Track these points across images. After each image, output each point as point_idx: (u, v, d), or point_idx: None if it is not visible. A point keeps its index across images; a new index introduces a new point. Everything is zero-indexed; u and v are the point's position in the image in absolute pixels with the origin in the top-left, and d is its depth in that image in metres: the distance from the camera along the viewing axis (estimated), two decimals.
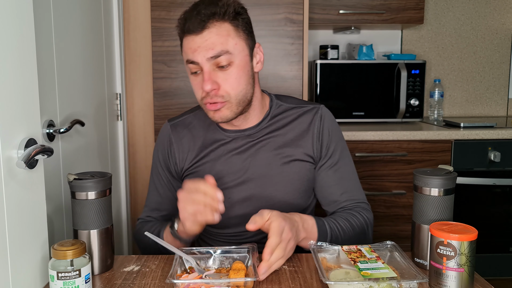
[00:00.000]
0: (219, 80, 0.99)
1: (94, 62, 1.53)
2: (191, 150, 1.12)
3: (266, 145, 1.09)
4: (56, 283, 0.74)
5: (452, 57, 2.55)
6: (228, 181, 1.09)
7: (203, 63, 0.98)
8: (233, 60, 0.99)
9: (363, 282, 0.74)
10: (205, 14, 0.97)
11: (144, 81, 1.96)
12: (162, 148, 1.16)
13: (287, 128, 1.11)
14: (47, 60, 1.16)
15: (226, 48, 0.97)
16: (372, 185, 2.01)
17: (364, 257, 0.84)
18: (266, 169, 1.08)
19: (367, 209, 1.11)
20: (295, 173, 1.09)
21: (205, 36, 0.97)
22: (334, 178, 1.11)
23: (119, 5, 1.80)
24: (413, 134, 1.97)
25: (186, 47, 1.00)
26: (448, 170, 0.90)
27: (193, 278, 0.80)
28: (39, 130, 0.83)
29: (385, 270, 0.79)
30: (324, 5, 2.16)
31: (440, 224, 0.81)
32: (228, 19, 0.98)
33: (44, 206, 0.85)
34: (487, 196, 2.03)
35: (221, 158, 1.10)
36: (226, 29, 0.98)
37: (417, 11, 2.17)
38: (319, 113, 1.13)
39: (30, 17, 0.81)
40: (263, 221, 0.87)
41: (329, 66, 2.16)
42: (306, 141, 1.10)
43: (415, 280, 0.76)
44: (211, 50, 0.96)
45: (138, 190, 2.01)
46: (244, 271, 0.81)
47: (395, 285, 0.74)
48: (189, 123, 1.16)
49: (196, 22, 0.97)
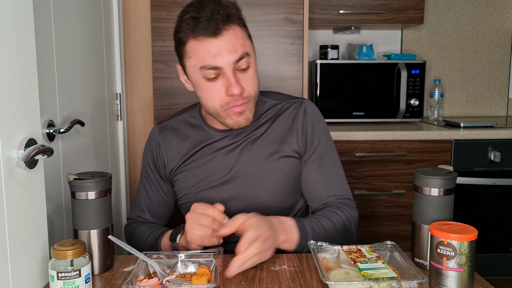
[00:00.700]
0: (242, 82, 0.97)
1: (94, 62, 1.53)
2: (179, 152, 1.12)
3: (251, 142, 1.09)
4: (56, 283, 0.74)
5: (452, 57, 2.55)
6: (213, 180, 1.08)
7: (227, 67, 0.94)
8: (250, 61, 0.98)
9: (363, 282, 0.74)
10: (221, 15, 0.92)
11: (144, 81, 1.96)
12: (151, 151, 1.16)
13: (272, 125, 1.10)
14: (47, 60, 1.16)
15: (246, 50, 0.96)
16: (372, 185, 2.01)
17: (364, 257, 0.84)
18: (251, 167, 1.07)
19: (351, 206, 1.08)
20: (281, 170, 1.07)
21: (225, 38, 0.93)
22: (317, 173, 1.08)
23: (119, 5, 1.80)
24: (413, 134, 1.97)
25: (202, 51, 0.94)
26: (448, 170, 0.90)
27: (152, 283, 0.78)
28: (39, 130, 0.83)
29: (385, 270, 0.79)
30: (324, 5, 2.16)
31: (440, 224, 0.81)
32: (237, 20, 0.97)
33: (44, 206, 0.85)
34: (487, 196, 2.03)
35: (208, 157, 1.09)
36: (239, 30, 0.96)
37: (417, 11, 2.17)
38: (302, 107, 1.11)
39: (30, 17, 0.81)
40: (238, 223, 0.86)
41: (329, 66, 2.16)
42: (291, 136, 1.08)
43: (415, 280, 0.76)
44: (234, 53, 0.94)
45: None
46: (207, 276, 0.80)
47: (395, 285, 0.74)
48: (177, 126, 1.15)
49: (213, 24, 0.92)
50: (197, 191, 1.10)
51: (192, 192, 1.10)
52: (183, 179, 1.12)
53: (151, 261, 0.84)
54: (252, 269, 0.88)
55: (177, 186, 1.14)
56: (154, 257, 0.87)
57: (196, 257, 0.87)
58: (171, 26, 1.97)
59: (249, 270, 0.88)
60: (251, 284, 0.83)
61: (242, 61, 0.95)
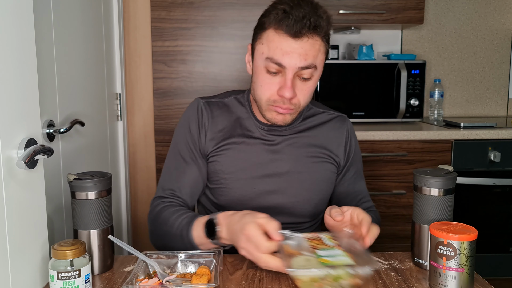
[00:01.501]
0: (297, 89, 0.98)
1: (94, 62, 1.53)
2: (222, 131, 1.09)
3: (297, 142, 1.10)
4: (56, 283, 0.74)
5: (452, 57, 2.55)
6: (255, 172, 1.08)
7: (291, 69, 0.95)
8: (314, 74, 0.99)
9: (321, 269, 0.75)
10: (311, 22, 0.93)
11: (144, 81, 1.96)
12: (194, 120, 1.10)
13: (318, 130, 1.13)
14: (47, 60, 1.16)
15: (315, 62, 0.97)
16: (372, 185, 2.01)
17: (324, 245, 0.84)
18: (294, 165, 1.09)
19: (377, 211, 1.18)
20: (322, 173, 1.11)
21: (302, 43, 0.94)
22: (353, 188, 1.16)
23: (119, 5, 1.80)
24: (413, 134, 1.97)
25: (275, 44, 0.95)
26: (448, 170, 0.90)
27: (152, 283, 0.78)
28: (39, 130, 0.83)
29: (343, 257, 0.79)
30: (324, 5, 2.15)
31: (440, 224, 0.81)
32: (323, 34, 0.97)
33: (44, 206, 0.85)
34: (487, 196, 2.03)
35: (251, 146, 1.09)
36: (319, 43, 0.97)
37: (417, 11, 2.17)
38: (346, 122, 1.17)
39: (30, 17, 0.81)
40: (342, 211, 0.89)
41: (329, 66, 2.16)
42: (335, 147, 1.13)
43: (371, 267, 0.75)
44: (304, 60, 0.94)
45: (138, 190, 2.02)
46: (207, 277, 0.79)
47: (352, 272, 0.75)
48: (224, 105, 1.13)
49: (299, 25, 0.92)
50: (237, 178, 1.07)
51: (232, 178, 1.08)
52: (222, 161, 1.08)
53: (151, 261, 0.84)
54: (252, 269, 0.88)
55: (213, 167, 1.08)
56: (154, 257, 0.86)
57: (196, 257, 0.87)
58: (171, 26, 1.97)
59: (249, 270, 0.88)
60: (251, 284, 0.83)
61: (307, 70, 0.96)
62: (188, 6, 1.92)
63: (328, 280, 0.75)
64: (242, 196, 1.08)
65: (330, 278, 0.74)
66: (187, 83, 1.95)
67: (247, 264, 0.91)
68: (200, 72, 1.96)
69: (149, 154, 2.00)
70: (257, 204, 1.08)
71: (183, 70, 1.94)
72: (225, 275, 0.87)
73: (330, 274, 0.74)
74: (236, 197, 1.08)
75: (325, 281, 0.75)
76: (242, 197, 1.08)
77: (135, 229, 2.06)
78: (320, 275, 0.74)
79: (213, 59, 1.99)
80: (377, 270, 0.88)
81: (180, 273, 0.85)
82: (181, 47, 1.94)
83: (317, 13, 0.95)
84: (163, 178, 1.12)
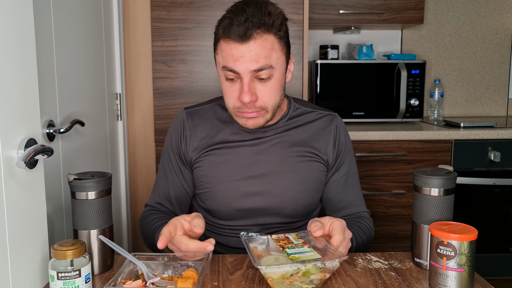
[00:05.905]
0: (258, 91, 0.98)
1: (94, 62, 1.53)
2: (204, 138, 1.12)
3: (281, 142, 1.10)
4: (56, 283, 0.74)
5: (452, 57, 2.55)
6: (238, 174, 1.08)
7: (244, 74, 0.96)
8: (273, 73, 0.98)
9: (292, 264, 0.77)
10: (253, 23, 0.93)
11: (144, 81, 1.96)
12: (176, 133, 1.15)
13: (303, 128, 1.12)
14: (47, 60, 1.16)
15: (270, 62, 0.96)
16: (372, 185, 2.01)
17: (291, 244, 0.86)
18: (279, 165, 1.08)
19: (369, 218, 1.16)
20: (309, 172, 1.09)
21: (250, 46, 0.94)
22: (342, 187, 1.14)
23: (119, 5, 1.80)
24: (413, 134, 1.97)
25: (226, 52, 0.96)
26: (448, 170, 0.90)
27: (135, 285, 0.77)
28: (39, 130, 0.83)
29: (310, 253, 0.81)
30: (324, 5, 2.16)
31: (440, 224, 0.81)
32: (274, 30, 0.96)
33: (44, 206, 0.85)
34: (487, 196, 2.03)
35: (233, 149, 1.09)
36: (271, 41, 0.96)
37: (417, 11, 2.17)
38: (335, 121, 1.15)
39: (30, 17, 0.81)
40: (323, 224, 0.87)
41: (329, 66, 2.16)
42: (323, 146, 1.12)
43: (337, 260, 0.78)
44: (255, 62, 0.94)
45: (138, 190, 2.02)
46: (193, 280, 0.79)
47: (319, 265, 0.78)
48: (205, 114, 1.15)
49: (242, 29, 0.93)
50: (220, 182, 1.09)
51: (214, 182, 1.09)
52: (205, 167, 1.10)
53: (138, 262, 0.82)
54: (252, 269, 0.88)
55: (197, 173, 1.12)
56: (143, 258, 0.85)
57: (185, 259, 0.86)
58: (171, 26, 1.97)
59: (249, 270, 0.88)
60: (251, 284, 0.83)
61: (263, 71, 0.96)
62: (188, 6, 1.92)
63: (298, 276, 0.78)
64: (226, 199, 1.08)
65: (300, 273, 0.78)
66: (187, 83, 1.95)
67: (247, 264, 0.91)
68: (200, 72, 1.96)
69: (149, 154, 2.00)
70: (242, 206, 1.08)
71: (183, 70, 1.94)
72: (225, 275, 0.87)
73: (300, 269, 0.77)
74: (221, 200, 1.09)
75: (295, 277, 0.78)
76: (226, 200, 1.08)
77: (135, 229, 2.06)
78: (290, 271, 0.77)
79: (213, 59, 1.99)
80: (377, 270, 0.88)
81: (169, 275, 0.84)
82: (181, 47, 1.94)
83: (262, 12, 0.95)
84: (153, 186, 1.20)
